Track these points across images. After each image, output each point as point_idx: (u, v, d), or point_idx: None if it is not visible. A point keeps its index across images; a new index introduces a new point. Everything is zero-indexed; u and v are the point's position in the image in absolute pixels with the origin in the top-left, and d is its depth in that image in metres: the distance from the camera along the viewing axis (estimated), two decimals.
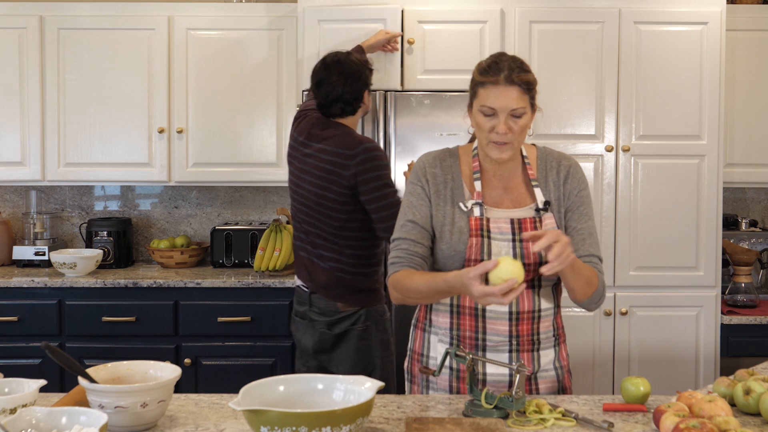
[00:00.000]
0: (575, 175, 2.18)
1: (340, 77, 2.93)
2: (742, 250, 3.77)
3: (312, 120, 3.03)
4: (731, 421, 1.65)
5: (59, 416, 1.62)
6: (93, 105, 3.98)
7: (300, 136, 3.02)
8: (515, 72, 2.01)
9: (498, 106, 2.01)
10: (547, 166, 2.18)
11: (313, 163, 2.94)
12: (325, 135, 2.96)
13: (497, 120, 2.02)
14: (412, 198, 2.17)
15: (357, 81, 2.97)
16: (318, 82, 2.97)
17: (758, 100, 3.87)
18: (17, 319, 3.75)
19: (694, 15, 3.64)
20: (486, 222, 2.08)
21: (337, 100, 2.95)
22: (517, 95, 2.01)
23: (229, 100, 3.98)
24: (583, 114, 3.67)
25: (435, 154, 2.22)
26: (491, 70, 2.03)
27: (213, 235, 4.11)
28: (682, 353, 3.69)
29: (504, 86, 2.00)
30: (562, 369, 2.19)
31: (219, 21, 3.97)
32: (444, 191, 2.15)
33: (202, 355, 3.76)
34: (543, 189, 2.16)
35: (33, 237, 4.19)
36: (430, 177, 2.16)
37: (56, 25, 3.96)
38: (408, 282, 2.06)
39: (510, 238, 2.07)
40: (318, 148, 2.94)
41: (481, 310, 2.09)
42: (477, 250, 2.06)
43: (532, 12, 3.65)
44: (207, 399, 2.00)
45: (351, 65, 2.97)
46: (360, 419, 1.61)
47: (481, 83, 2.04)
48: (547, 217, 2.12)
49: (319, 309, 2.96)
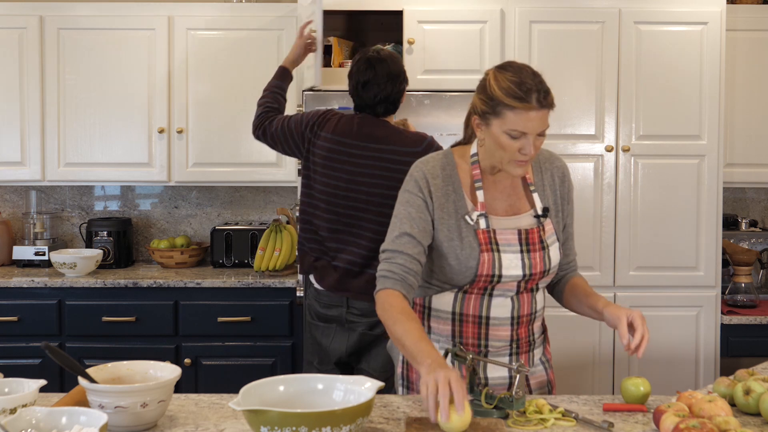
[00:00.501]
0: (567, 178, 2.23)
1: (388, 78, 2.89)
2: (742, 250, 3.77)
3: (350, 121, 2.93)
4: (731, 421, 1.65)
5: (59, 416, 1.62)
6: (93, 105, 3.98)
7: (345, 137, 2.89)
8: (544, 95, 1.96)
9: (530, 130, 1.96)
10: (542, 168, 2.18)
11: (372, 163, 2.85)
12: (379, 134, 2.88)
13: (526, 141, 1.97)
14: (410, 209, 2.07)
15: (402, 81, 2.94)
16: (365, 83, 2.90)
17: (758, 100, 3.87)
18: (17, 319, 3.75)
19: (694, 15, 3.64)
20: (493, 234, 2.05)
21: (383, 101, 2.91)
22: (546, 116, 1.98)
23: (229, 100, 3.98)
24: (583, 114, 3.67)
25: (435, 161, 2.13)
26: (521, 93, 1.94)
27: (213, 235, 4.12)
28: (682, 353, 3.69)
29: (537, 110, 1.95)
30: (548, 362, 2.22)
31: (219, 21, 3.97)
32: (447, 204, 2.08)
33: (202, 355, 3.76)
34: (541, 193, 2.15)
35: (33, 237, 4.20)
36: (434, 189, 2.08)
37: (56, 25, 3.96)
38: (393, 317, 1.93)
39: (518, 250, 2.06)
40: (376, 148, 2.85)
41: (484, 318, 2.08)
42: (489, 266, 2.03)
43: (532, 12, 3.65)
44: (207, 399, 2.00)
45: (395, 64, 2.93)
46: (360, 419, 1.61)
47: (510, 107, 1.95)
48: (546, 223, 2.12)
49: (359, 311, 2.89)
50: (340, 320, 2.93)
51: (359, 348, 2.94)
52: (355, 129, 2.90)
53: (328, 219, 2.90)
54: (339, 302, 2.92)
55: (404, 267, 2.01)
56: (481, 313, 2.08)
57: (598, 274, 3.65)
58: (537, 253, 2.07)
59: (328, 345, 2.97)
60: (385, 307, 1.97)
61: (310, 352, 3.09)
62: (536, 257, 2.06)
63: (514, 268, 2.05)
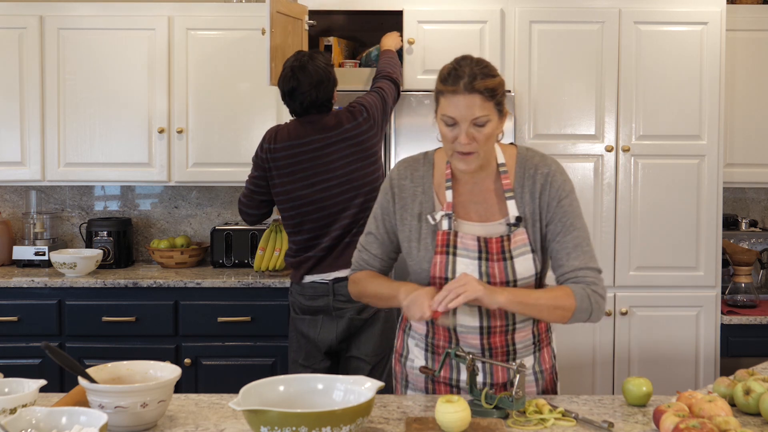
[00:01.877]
0: (554, 184, 2.03)
1: (310, 85, 3.04)
2: (742, 250, 3.77)
3: (299, 123, 3.12)
4: (731, 421, 1.65)
5: (59, 416, 1.62)
6: (93, 105, 3.98)
7: (301, 138, 3.08)
8: (477, 78, 1.91)
9: (458, 116, 1.91)
10: (525, 174, 2.05)
11: (333, 149, 3.05)
12: (331, 122, 3.08)
13: (459, 129, 1.93)
14: (377, 209, 2.17)
15: (327, 84, 3.08)
16: (290, 92, 3.07)
17: (758, 100, 3.87)
18: (17, 319, 3.75)
19: (694, 15, 3.64)
20: (453, 237, 2.02)
21: (312, 105, 3.07)
22: (479, 103, 1.91)
23: (229, 100, 3.98)
24: (583, 114, 3.67)
25: (408, 162, 2.15)
26: (451, 77, 1.94)
27: (213, 235, 4.11)
28: (682, 353, 3.69)
29: (464, 95, 1.90)
30: (543, 373, 2.14)
31: (219, 21, 3.97)
32: (411, 205, 2.09)
33: (202, 355, 3.76)
34: (518, 200, 2.04)
35: (33, 237, 4.19)
36: (398, 190, 2.12)
37: (56, 25, 3.96)
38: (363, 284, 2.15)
39: (476, 257, 2.01)
40: (336, 134, 3.06)
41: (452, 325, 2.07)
42: (441, 267, 2.02)
43: (532, 12, 3.65)
44: (207, 399, 2.00)
45: (318, 71, 3.05)
46: (360, 419, 1.62)
47: (441, 92, 1.95)
48: (518, 233, 2.02)
49: (345, 296, 3.01)
50: (327, 309, 3.05)
51: (348, 334, 3.06)
52: (308, 128, 3.09)
53: (317, 218, 3.08)
54: (324, 291, 3.06)
55: (367, 261, 2.19)
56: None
57: None
58: (496, 263, 2.00)
59: (316, 336, 3.07)
60: (355, 282, 2.18)
61: (295, 349, 3.16)
62: (494, 267, 2.00)
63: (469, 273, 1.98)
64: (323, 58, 3.13)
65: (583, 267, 2.02)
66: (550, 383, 2.17)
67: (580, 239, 2.02)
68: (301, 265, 3.12)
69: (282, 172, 3.10)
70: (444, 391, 2.10)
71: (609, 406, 1.96)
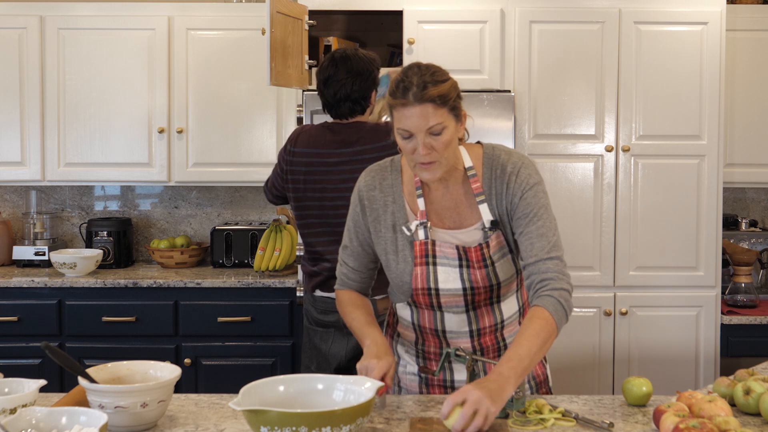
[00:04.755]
0: (518, 179, 1.98)
1: (348, 75, 2.82)
2: (742, 250, 3.77)
3: (323, 130, 2.91)
4: (731, 421, 1.65)
5: (59, 416, 1.62)
6: (93, 105, 3.98)
7: (321, 148, 2.87)
8: (427, 87, 1.84)
9: (413, 128, 1.85)
10: (493, 174, 2.00)
11: (351, 168, 2.81)
12: (352, 138, 2.85)
13: (416, 141, 1.87)
14: (350, 222, 2.10)
15: (366, 79, 2.85)
16: (325, 80, 2.86)
17: (758, 100, 3.87)
18: (17, 319, 3.75)
19: (694, 15, 3.64)
20: (431, 246, 1.99)
21: (345, 99, 2.84)
22: (431, 111, 1.84)
23: (229, 100, 3.98)
24: (583, 114, 3.67)
25: (375, 170, 2.08)
26: (399, 90, 1.86)
27: (213, 235, 4.12)
28: (682, 353, 3.69)
29: (415, 106, 1.84)
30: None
31: (219, 21, 3.97)
32: (384, 216, 2.04)
33: (202, 355, 3.76)
34: (490, 203, 2.00)
35: (33, 237, 4.20)
36: (368, 202, 2.05)
37: (56, 25, 3.96)
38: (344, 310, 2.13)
39: (457, 264, 1.98)
40: (353, 152, 2.83)
41: (441, 331, 2.06)
42: (423, 279, 1.99)
43: (532, 12, 3.65)
44: (207, 399, 2.00)
45: (359, 62, 2.85)
46: (360, 419, 1.61)
47: (392, 106, 1.88)
48: (494, 237, 1.99)
49: None
50: (338, 325, 2.91)
51: (357, 353, 2.87)
52: (329, 137, 2.87)
53: (321, 232, 2.89)
54: (335, 308, 2.88)
55: (347, 276, 2.15)
56: (437, 327, 2.06)
57: (598, 274, 3.65)
58: (478, 270, 1.99)
59: (327, 350, 2.94)
60: (338, 302, 2.17)
61: (308, 356, 3.04)
62: (476, 273, 1.98)
63: (452, 282, 1.99)
64: (369, 54, 2.92)
65: (547, 258, 1.93)
66: (541, 368, 2.17)
67: (544, 228, 1.95)
68: (312, 278, 2.96)
69: (296, 177, 2.91)
70: (439, 393, 2.10)
71: (609, 406, 1.95)
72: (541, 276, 1.92)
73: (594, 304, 3.67)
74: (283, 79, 3.31)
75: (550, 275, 1.92)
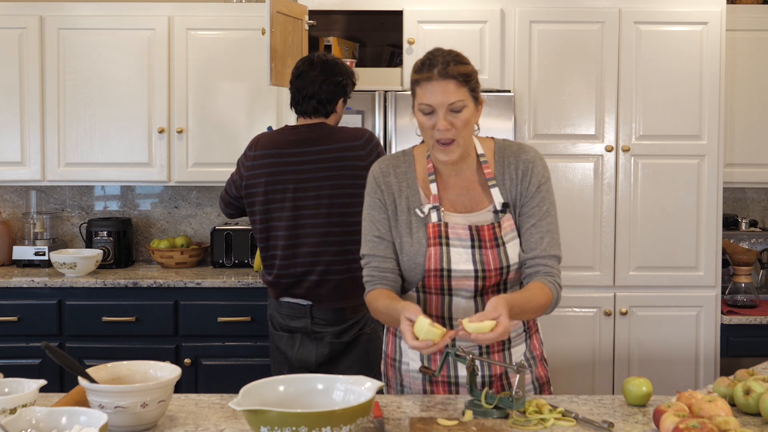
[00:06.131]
0: (535, 171, 2.09)
1: (320, 74, 2.86)
2: (742, 250, 3.77)
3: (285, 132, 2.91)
4: (731, 421, 1.65)
5: (59, 416, 1.62)
6: (93, 105, 3.98)
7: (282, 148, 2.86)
8: (450, 65, 1.96)
9: (435, 102, 1.96)
10: (505, 162, 2.10)
11: (315, 166, 2.82)
12: (317, 136, 2.86)
13: (437, 117, 1.97)
14: (372, 212, 2.12)
15: (336, 85, 2.88)
16: (298, 74, 2.90)
17: (758, 101, 3.87)
18: (17, 319, 3.75)
19: (694, 15, 3.64)
20: (444, 228, 2.04)
21: (311, 97, 2.87)
22: (453, 88, 1.95)
23: (229, 100, 3.98)
24: (583, 114, 3.67)
25: (388, 161, 2.15)
26: (425, 66, 1.99)
27: (213, 235, 4.12)
28: (682, 353, 3.69)
29: (438, 81, 1.95)
30: (534, 359, 2.18)
31: (219, 21, 3.97)
32: (400, 201, 2.10)
33: (202, 355, 3.76)
34: (501, 188, 2.09)
35: (33, 237, 4.20)
36: (385, 187, 2.11)
37: (56, 25, 3.96)
38: (374, 305, 2.05)
39: (469, 245, 2.03)
40: (316, 150, 2.83)
41: (447, 318, 2.08)
42: (437, 259, 2.03)
43: (532, 12, 3.65)
44: (207, 399, 2.00)
45: (335, 67, 2.89)
46: (360, 419, 1.61)
47: (416, 81, 2.00)
48: (505, 219, 2.07)
49: (325, 320, 2.86)
50: (305, 330, 2.88)
51: (329, 358, 2.88)
52: (291, 138, 2.88)
53: (283, 236, 2.86)
54: (302, 313, 2.88)
55: (379, 268, 2.09)
56: (443, 314, 2.08)
57: (598, 274, 3.65)
58: (489, 250, 2.03)
59: (293, 355, 2.90)
60: (372, 304, 2.06)
61: (278, 362, 2.98)
62: (488, 254, 2.03)
63: (464, 263, 2.03)
64: (349, 68, 2.97)
65: (551, 255, 2.06)
66: (542, 369, 2.19)
67: (552, 226, 2.08)
68: (275, 287, 2.92)
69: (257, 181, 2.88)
70: (443, 389, 2.11)
71: (609, 406, 1.96)
72: (546, 269, 2.05)
73: (594, 304, 3.67)
74: (283, 79, 3.31)
75: (553, 271, 2.06)
